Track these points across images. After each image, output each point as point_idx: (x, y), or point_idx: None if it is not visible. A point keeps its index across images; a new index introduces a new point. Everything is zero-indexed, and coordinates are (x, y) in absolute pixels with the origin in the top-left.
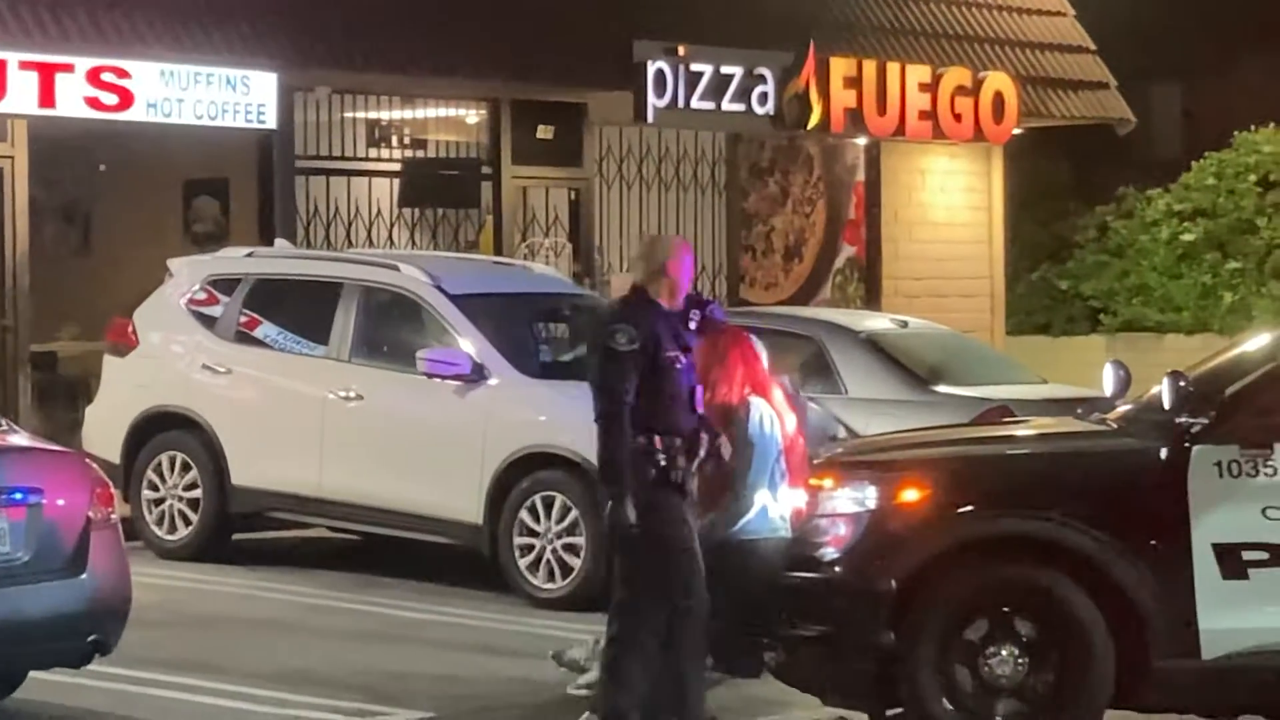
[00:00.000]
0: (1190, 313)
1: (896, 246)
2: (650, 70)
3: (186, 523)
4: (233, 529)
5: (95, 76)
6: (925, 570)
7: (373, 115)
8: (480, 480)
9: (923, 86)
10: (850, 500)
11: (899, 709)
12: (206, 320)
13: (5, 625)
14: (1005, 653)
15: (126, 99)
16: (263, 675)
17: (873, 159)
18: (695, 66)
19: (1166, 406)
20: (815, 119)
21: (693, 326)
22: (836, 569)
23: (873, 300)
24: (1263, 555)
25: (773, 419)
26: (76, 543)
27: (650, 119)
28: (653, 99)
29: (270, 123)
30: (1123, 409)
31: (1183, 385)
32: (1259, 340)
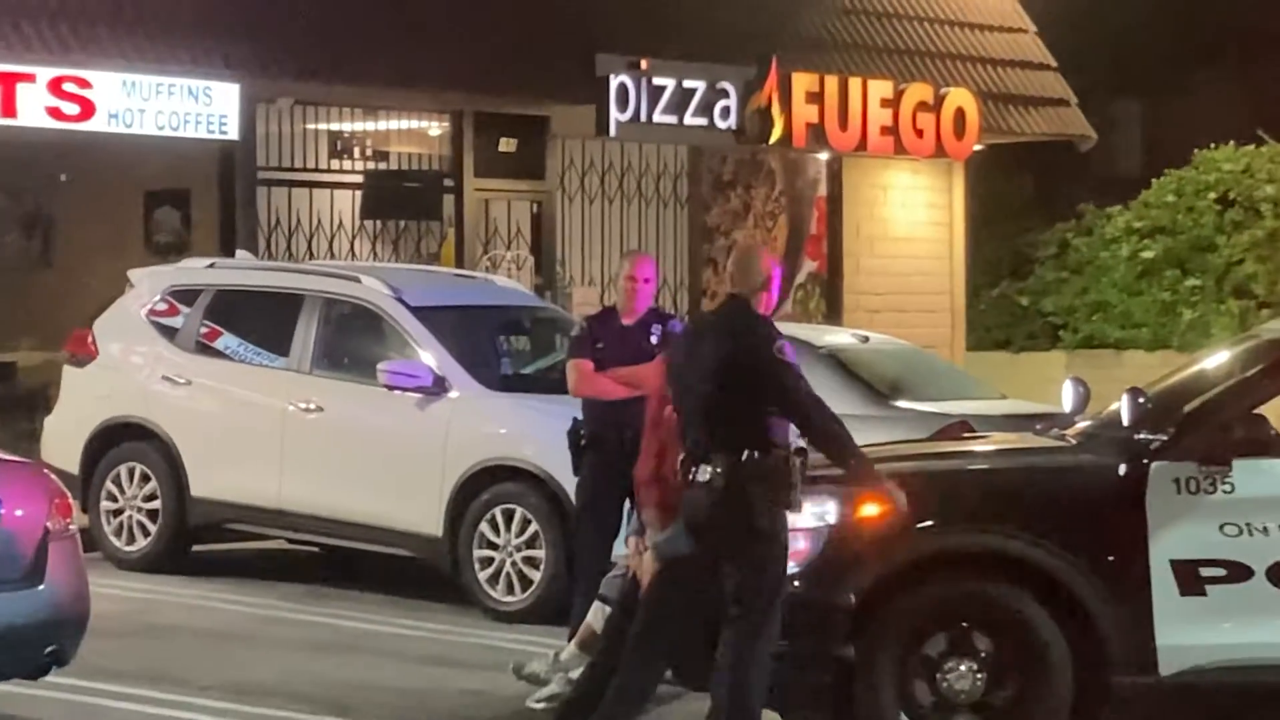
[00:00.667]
0: (1150, 329)
1: (858, 261)
2: (613, 84)
3: (145, 534)
4: (192, 540)
5: (56, 86)
6: (884, 585)
7: (335, 127)
8: (440, 493)
9: (884, 102)
10: (810, 515)
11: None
12: (167, 331)
13: None
14: (964, 668)
15: (88, 109)
16: (221, 687)
17: (834, 174)
18: (658, 80)
19: (1125, 423)
20: (777, 134)
21: (654, 341)
22: (796, 583)
23: (834, 315)
24: (1220, 572)
25: None
26: (34, 553)
27: (613, 132)
28: (615, 112)
29: (232, 134)
30: (1082, 425)
31: (1142, 402)
32: (1218, 357)
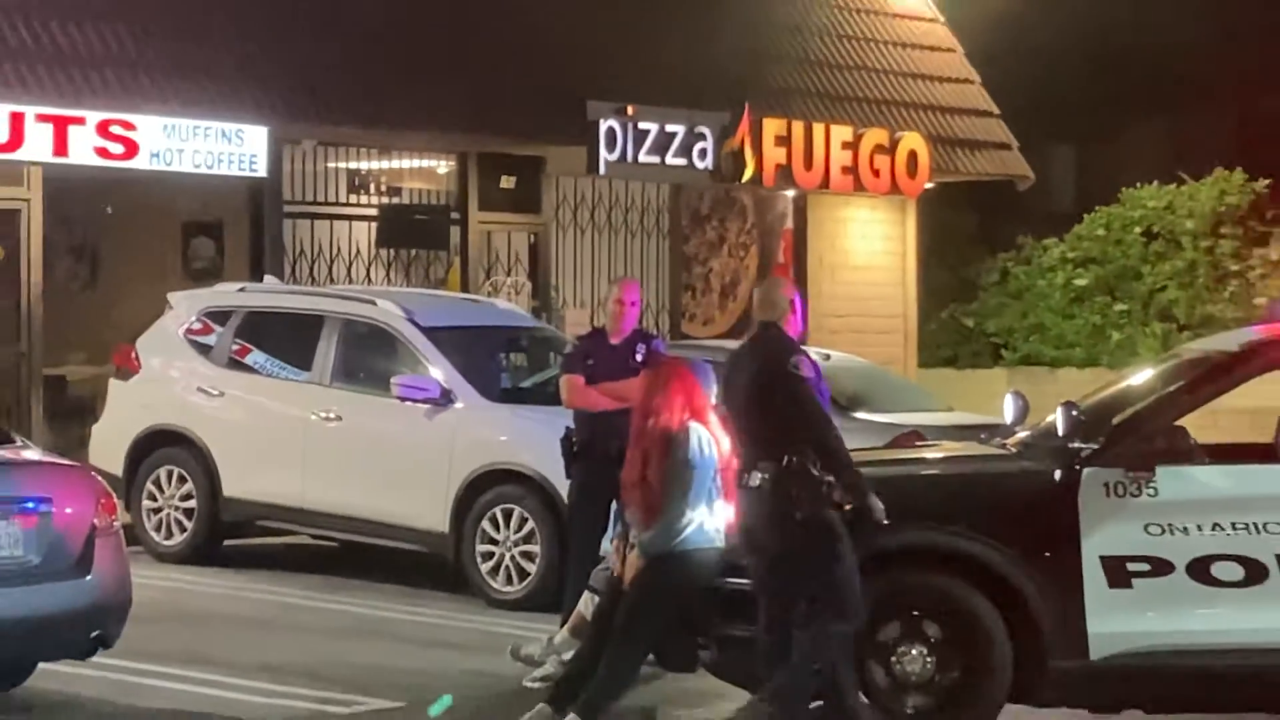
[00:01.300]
0: (1082, 349)
1: (821, 287)
2: (602, 127)
3: (182, 530)
4: (223, 535)
5: (104, 128)
6: None
7: (353, 165)
8: (446, 493)
9: (845, 145)
10: None
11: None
12: (202, 348)
13: (18, 621)
14: (915, 652)
15: (132, 149)
16: (248, 667)
17: (800, 209)
18: (642, 125)
19: (1060, 433)
20: (749, 173)
21: (638, 359)
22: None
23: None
24: (1145, 567)
25: (710, 442)
26: (82, 547)
27: (602, 171)
28: (604, 153)
29: (261, 171)
30: (1021, 435)
31: (1075, 414)
32: (1143, 374)
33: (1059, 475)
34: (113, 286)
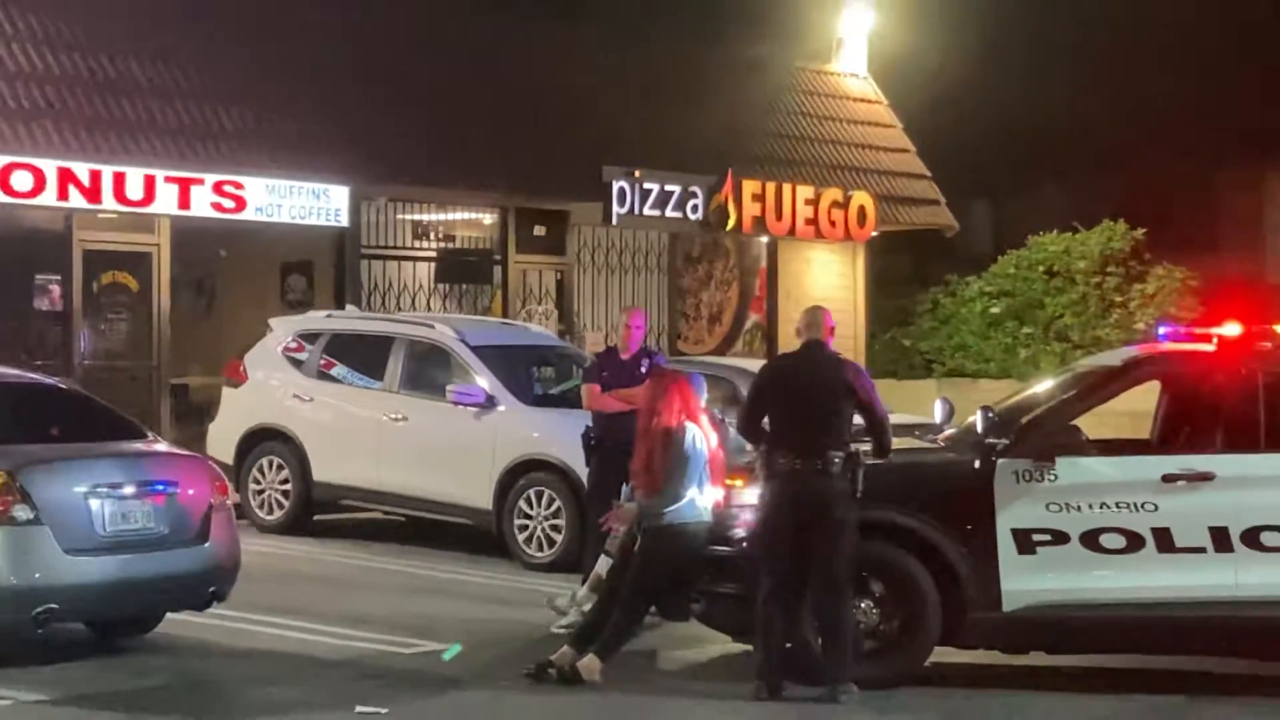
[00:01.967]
0: (996, 364)
1: (788, 315)
2: (614, 187)
3: (280, 507)
4: (313, 512)
5: (219, 188)
6: None
7: (416, 217)
8: (490, 478)
9: (808, 201)
10: (755, 496)
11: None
12: (296, 363)
13: (151, 579)
14: (863, 605)
15: (241, 204)
16: (330, 616)
17: (772, 252)
18: (646, 185)
19: (979, 431)
20: (731, 223)
21: (644, 371)
22: (745, 544)
23: (771, 353)
24: (1047, 537)
25: (701, 437)
26: (201, 521)
27: (614, 222)
28: (616, 208)
29: (343, 222)
30: (948, 432)
31: (991, 416)
32: (1045, 384)
33: (978, 465)
34: (225, 314)
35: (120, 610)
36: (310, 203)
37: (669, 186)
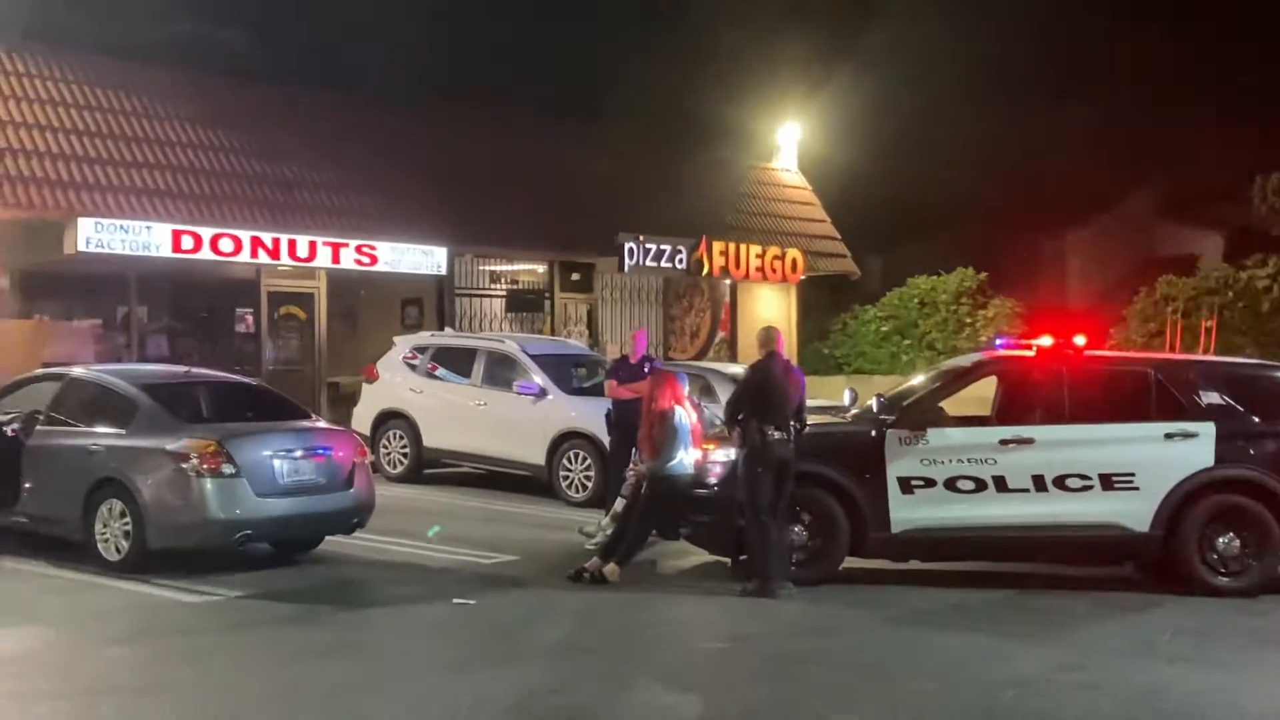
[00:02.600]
0: (885, 365)
1: (746, 337)
2: (626, 247)
3: (401, 464)
4: (424, 467)
5: (359, 249)
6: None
7: (492, 267)
8: (543, 444)
9: (757, 255)
10: (722, 455)
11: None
12: (412, 367)
13: (315, 514)
14: (796, 529)
15: (374, 260)
16: (437, 538)
17: (733, 290)
18: (648, 245)
19: (875, 411)
20: (705, 270)
21: (646, 371)
22: (716, 488)
23: (733, 359)
24: (921, 483)
25: (685, 416)
26: (348, 474)
27: (626, 271)
28: (627, 260)
29: (443, 271)
30: (854, 412)
31: (882, 400)
32: (918, 379)
33: (874, 434)
34: (363, 334)
35: (293, 535)
36: (420, 259)
37: (663, 246)
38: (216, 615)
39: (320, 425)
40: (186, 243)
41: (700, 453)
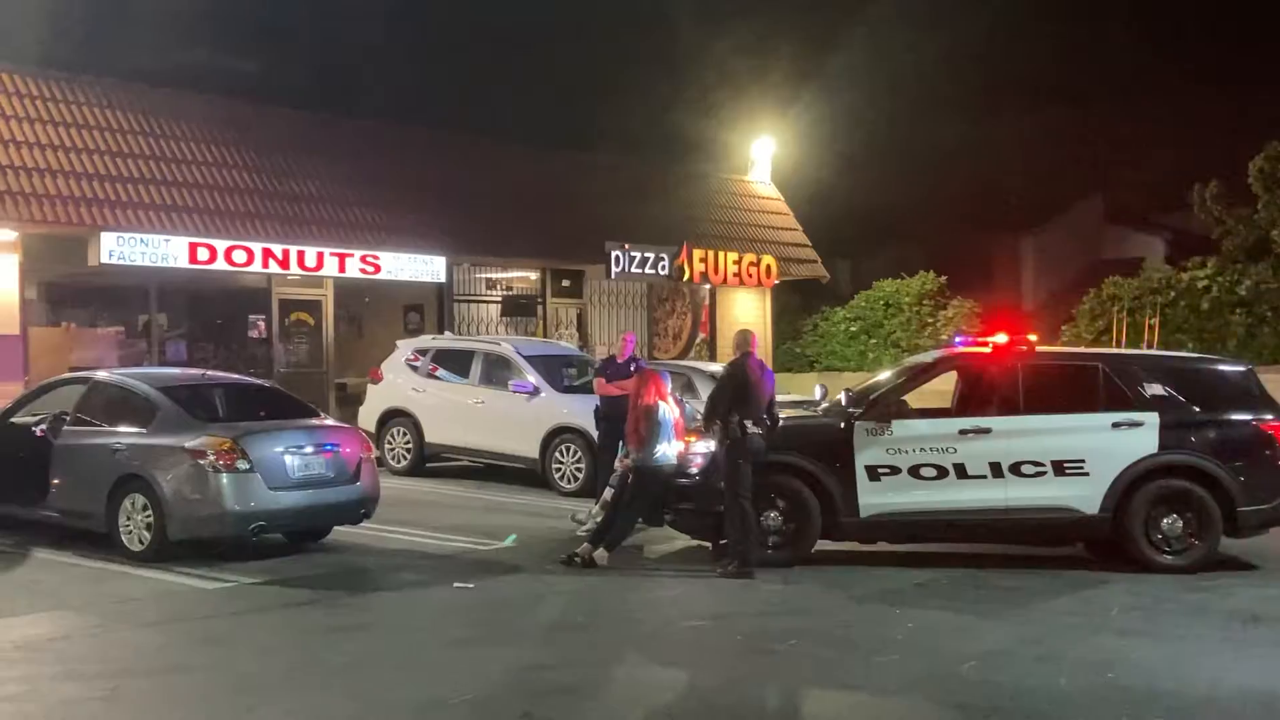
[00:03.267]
0: (854, 363)
1: (724, 333)
2: (613, 255)
3: (405, 459)
4: (426, 461)
5: (364, 259)
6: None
7: (488, 275)
8: (537, 438)
9: (735, 262)
10: (703, 446)
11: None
12: (414, 368)
13: (325, 505)
14: (772, 514)
15: (377, 269)
16: (435, 527)
17: (713, 294)
18: (633, 253)
19: (844, 404)
20: (686, 276)
21: (633, 370)
22: (698, 477)
23: (713, 358)
24: (887, 470)
25: (668, 412)
26: (355, 468)
27: (613, 277)
28: (614, 267)
29: (442, 279)
30: (824, 405)
31: (851, 394)
32: (884, 375)
33: (843, 425)
34: (368, 338)
35: (304, 525)
36: (421, 267)
37: (647, 254)
38: (234, 600)
39: (329, 423)
40: (203, 254)
41: (683, 445)
